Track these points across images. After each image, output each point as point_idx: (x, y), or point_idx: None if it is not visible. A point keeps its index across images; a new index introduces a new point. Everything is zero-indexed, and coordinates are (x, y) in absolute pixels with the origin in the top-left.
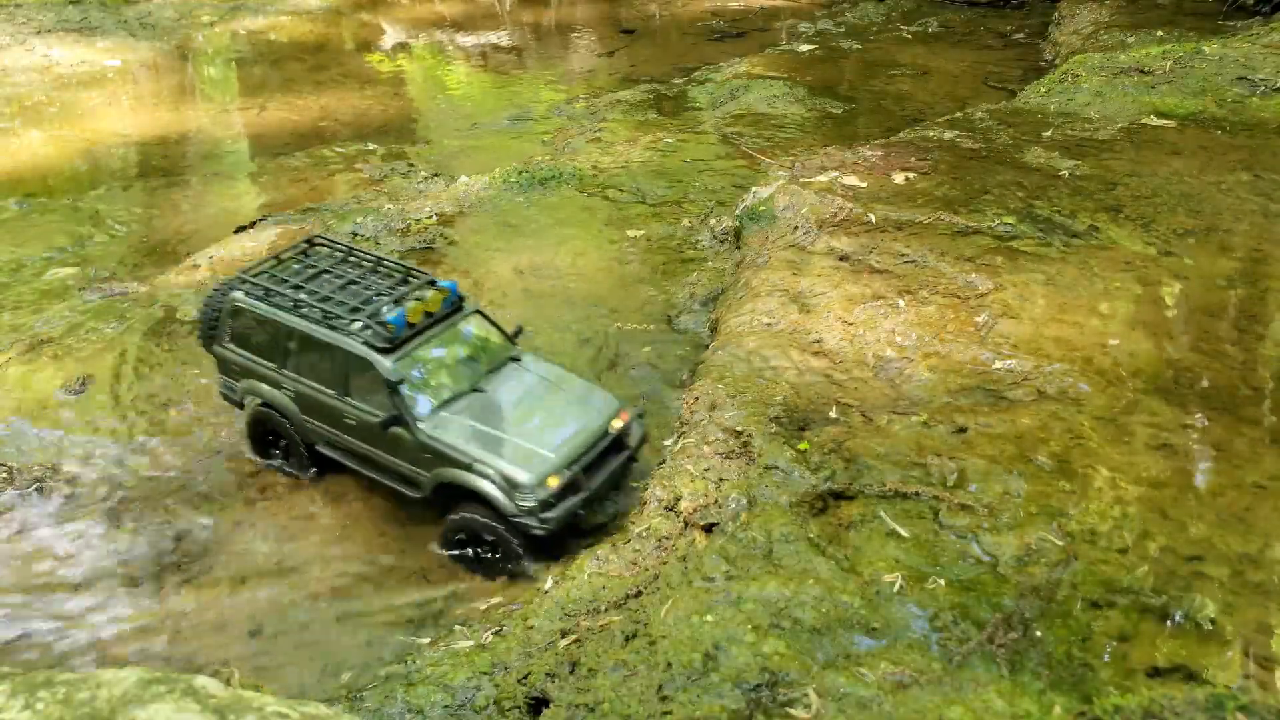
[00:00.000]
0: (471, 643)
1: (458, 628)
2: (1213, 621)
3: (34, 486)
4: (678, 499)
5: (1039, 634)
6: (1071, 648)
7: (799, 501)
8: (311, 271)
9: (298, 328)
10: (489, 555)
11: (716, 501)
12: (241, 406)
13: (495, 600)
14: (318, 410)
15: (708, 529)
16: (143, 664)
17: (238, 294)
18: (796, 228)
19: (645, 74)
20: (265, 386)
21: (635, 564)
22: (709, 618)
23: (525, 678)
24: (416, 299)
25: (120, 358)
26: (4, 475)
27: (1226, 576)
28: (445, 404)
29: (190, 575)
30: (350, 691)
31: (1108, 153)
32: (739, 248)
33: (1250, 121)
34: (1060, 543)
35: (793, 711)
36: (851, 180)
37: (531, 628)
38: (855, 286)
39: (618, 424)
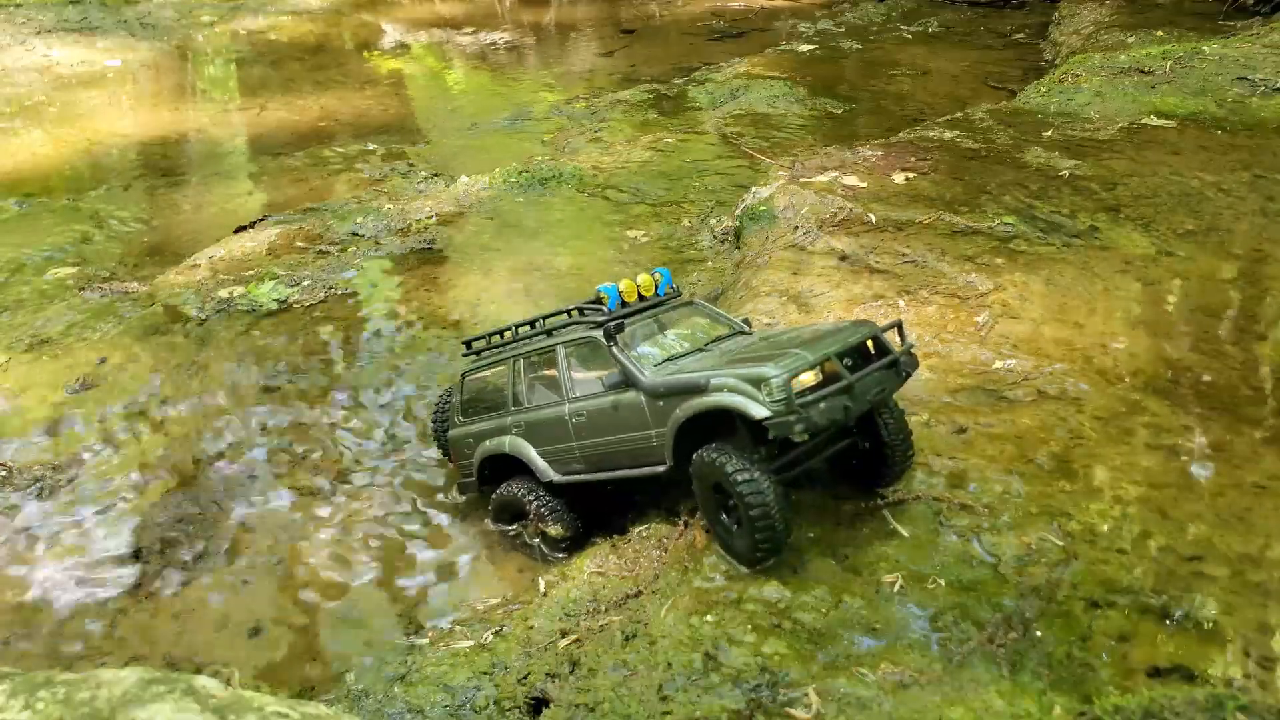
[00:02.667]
0: (471, 643)
1: (458, 628)
2: (1213, 621)
3: (33, 486)
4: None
5: (1039, 634)
6: (1071, 648)
7: (799, 501)
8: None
9: (520, 352)
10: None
11: None
12: (480, 490)
13: (495, 601)
14: (548, 432)
15: (709, 529)
16: (143, 664)
17: (467, 367)
18: (796, 228)
19: (645, 74)
20: (495, 439)
21: (635, 564)
22: (709, 618)
23: (525, 678)
24: (629, 278)
25: (120, 358)
26: (3, 475)
27: (1226, 576)
28: (669, 360)
29: (191, 574)
30: (350, 691)
31: (1108, 153)
32: (739, 248)
33: (1250, 121)
34: (1060, 543)
35: (793, 711)
36: (851, 180)
37: (532, 628)
38: (855, 287)
39: (872, 338)
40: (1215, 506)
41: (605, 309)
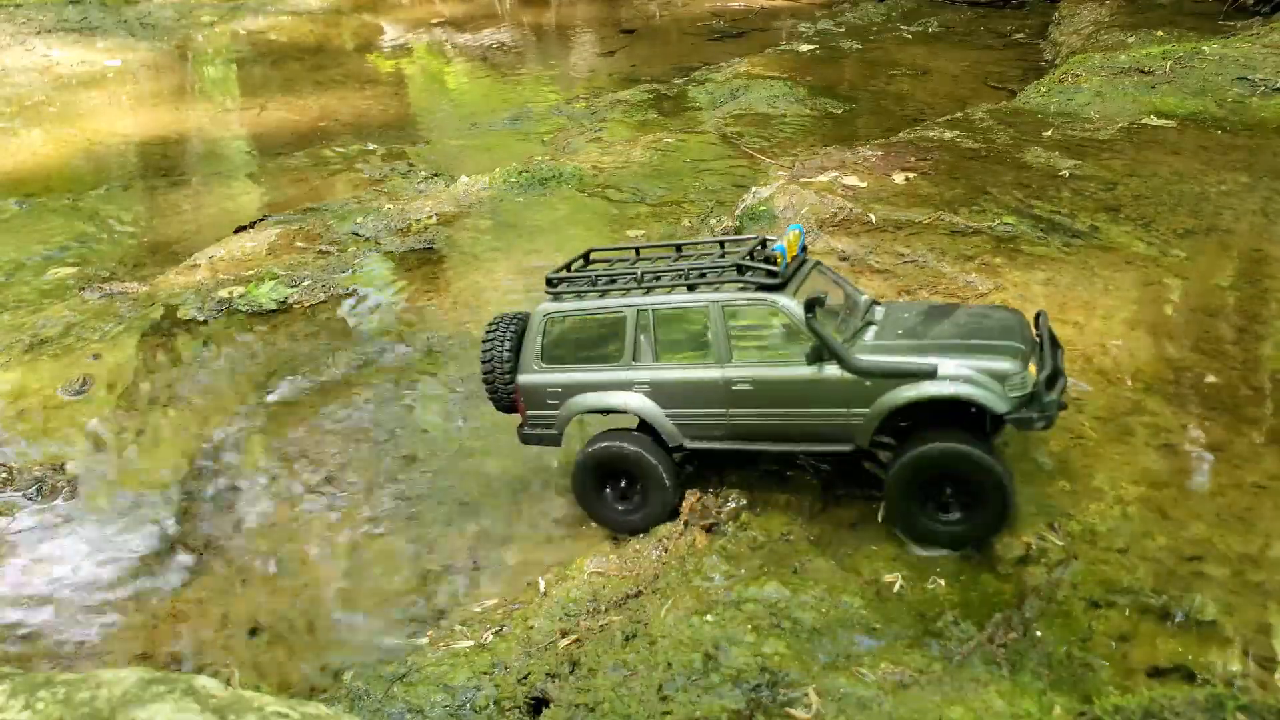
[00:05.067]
0: (471, 643)
1: (458, 628)
2: (1213, 621)
3: (34, 487)
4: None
5: (1039, 634)
6: (1071, 648)
7: (799, 501)
8: (621, 268)
9: (649, 302)
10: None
11: (717, 501)
12: (556, 443)
13: (495, 601)
14: (690, 396)
15: (708, 529)
16: (143, 664)
17: (547, 306)
18: None
19: (645, 74)
20: (605, 395)
21: (635, 564)
22: (709, 618)
23: (525, 678)
24: (784, 237)
25: (120, 357)
26: (4, 476)
27: (1226, 576)
28: (859, 332)
29: (191, 574)
30: (350, 691)
31: (1108, 153)
32: None
33: (1250, 121)
34: (1060, 543)
35: (793, 711)
36: (851, 180)
37: (532, 628)
38: None
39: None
40: (1215, 506)
41: (778, 269)
